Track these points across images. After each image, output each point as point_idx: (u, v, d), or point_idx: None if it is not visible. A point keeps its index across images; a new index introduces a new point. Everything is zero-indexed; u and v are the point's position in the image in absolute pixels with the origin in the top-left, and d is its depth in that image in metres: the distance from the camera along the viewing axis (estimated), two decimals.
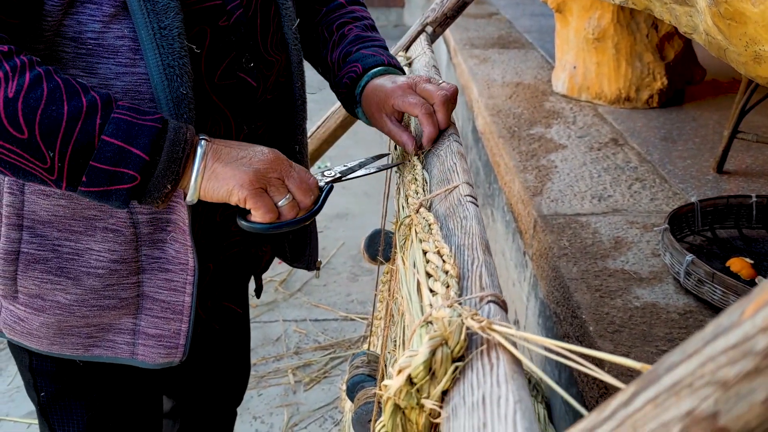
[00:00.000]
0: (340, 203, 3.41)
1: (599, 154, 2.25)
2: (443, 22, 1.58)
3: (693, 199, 1.69)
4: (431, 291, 0.57)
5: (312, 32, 1.11)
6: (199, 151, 0.75)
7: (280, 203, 0.78)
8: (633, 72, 2.61)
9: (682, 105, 2.70)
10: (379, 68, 0.99)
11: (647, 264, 1.59)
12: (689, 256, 1.41)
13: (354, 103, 1.02)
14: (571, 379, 1.48)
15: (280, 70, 0.99)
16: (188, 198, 0.76)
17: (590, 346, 1.34)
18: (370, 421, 1.23)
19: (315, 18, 1.10)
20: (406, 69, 1.49)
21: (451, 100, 0.90)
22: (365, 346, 1.98)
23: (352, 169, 0.90)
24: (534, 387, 1.76)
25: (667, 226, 1.54)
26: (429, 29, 1.55)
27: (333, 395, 2.17)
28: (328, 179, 0.86)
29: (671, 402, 0.29)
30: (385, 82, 0.94)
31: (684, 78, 2.69)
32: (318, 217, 0.88)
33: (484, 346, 0.46)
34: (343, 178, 0.89)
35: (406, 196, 0.82)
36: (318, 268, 1.15)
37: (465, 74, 3.25)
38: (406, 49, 1.56)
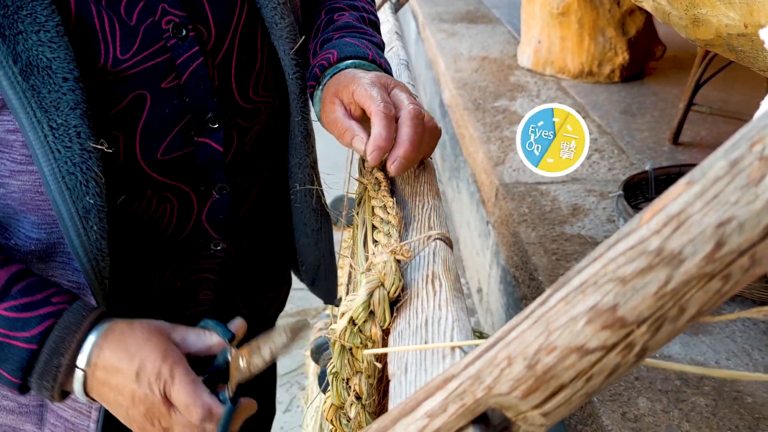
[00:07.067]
0: None
1: None
2: None
3: (647, 168, 1.75)
4: (375, 242, 0.61)
5: (307, 25, 0.86)
6: (77, 377, 0.61)
7: None
8: (596, 47, 2.66)
9: (642, 80, 2.76)
10: (359, 61, 0.74)
11: (602, 229, 1.65)
12: None
13: (316, 87, 0.77)
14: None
15: (271, 112, 0.77)
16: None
17: None
18: None
19: (314, 9, 0.88)
20: None
21: (421, 120, 0.66)
22: (328, 311, 2.01)
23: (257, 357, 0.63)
24: None
25: (621, 192, 1.60)
26: None
27: (299, 362, 2.21)
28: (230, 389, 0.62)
29: (578, 299, 0.32)
30: (359, 71, 0.72)
31: (645, 53, 2.76)
32: None
33: (428, 275, 0.50)
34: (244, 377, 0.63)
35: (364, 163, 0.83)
36: (337, 305, 0.94)
37: (433, 48, 3.28)
38: None
